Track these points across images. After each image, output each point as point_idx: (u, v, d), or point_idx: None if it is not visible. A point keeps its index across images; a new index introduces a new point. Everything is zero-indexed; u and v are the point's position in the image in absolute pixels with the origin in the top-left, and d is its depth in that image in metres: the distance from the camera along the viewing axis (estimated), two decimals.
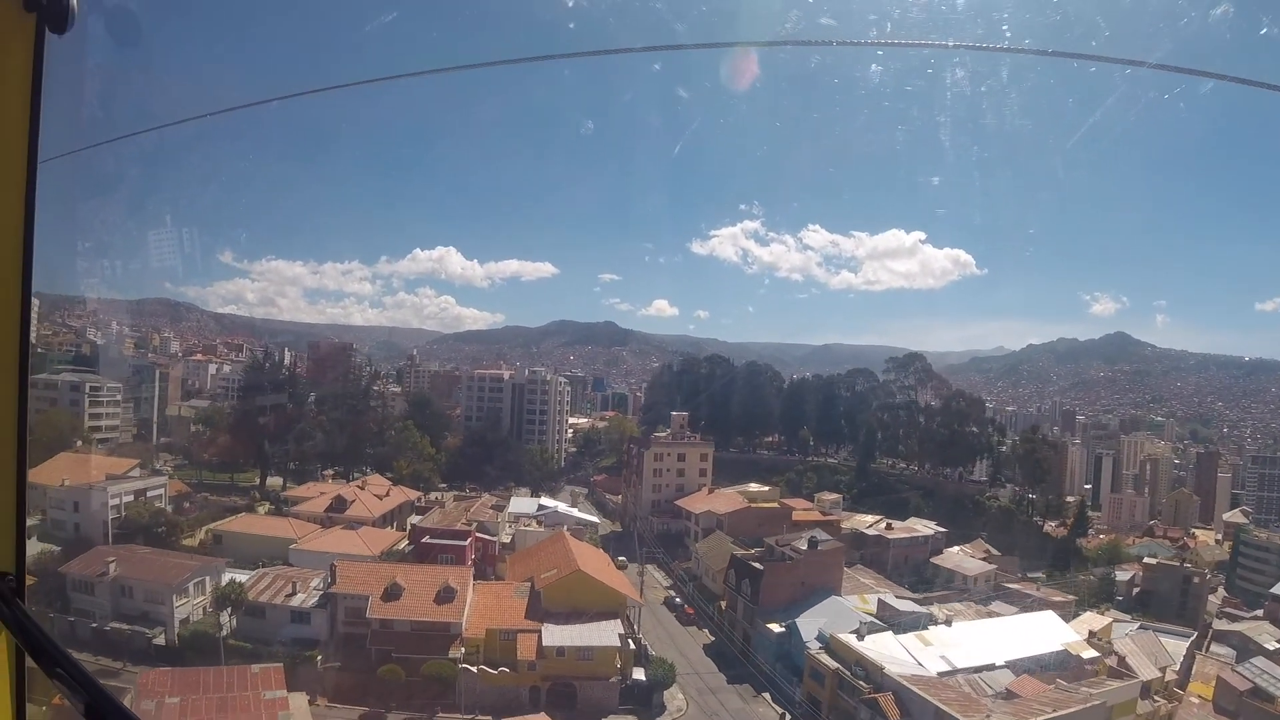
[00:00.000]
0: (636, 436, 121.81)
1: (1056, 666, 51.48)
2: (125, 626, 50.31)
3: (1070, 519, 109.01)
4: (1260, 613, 70.27)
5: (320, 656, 48.65)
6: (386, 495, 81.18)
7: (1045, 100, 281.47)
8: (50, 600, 50.51)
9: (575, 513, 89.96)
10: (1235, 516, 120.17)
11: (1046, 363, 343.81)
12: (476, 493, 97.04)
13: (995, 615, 62.09)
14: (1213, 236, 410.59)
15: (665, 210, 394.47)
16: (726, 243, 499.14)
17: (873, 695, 44.71)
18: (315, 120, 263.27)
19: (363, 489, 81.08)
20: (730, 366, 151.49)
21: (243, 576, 55.29)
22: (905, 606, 59.16)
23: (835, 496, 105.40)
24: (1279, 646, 59.25)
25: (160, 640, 50.24)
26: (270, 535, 65.70)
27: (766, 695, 53.58)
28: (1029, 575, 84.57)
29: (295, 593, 52.34)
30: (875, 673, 46.62)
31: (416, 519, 76.62)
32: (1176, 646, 59.93)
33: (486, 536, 69.65)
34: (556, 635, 49.61)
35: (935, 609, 61.39)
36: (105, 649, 48.22)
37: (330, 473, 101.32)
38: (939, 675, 47.28)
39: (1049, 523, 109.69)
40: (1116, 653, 55.86)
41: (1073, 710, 41.97)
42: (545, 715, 42.73)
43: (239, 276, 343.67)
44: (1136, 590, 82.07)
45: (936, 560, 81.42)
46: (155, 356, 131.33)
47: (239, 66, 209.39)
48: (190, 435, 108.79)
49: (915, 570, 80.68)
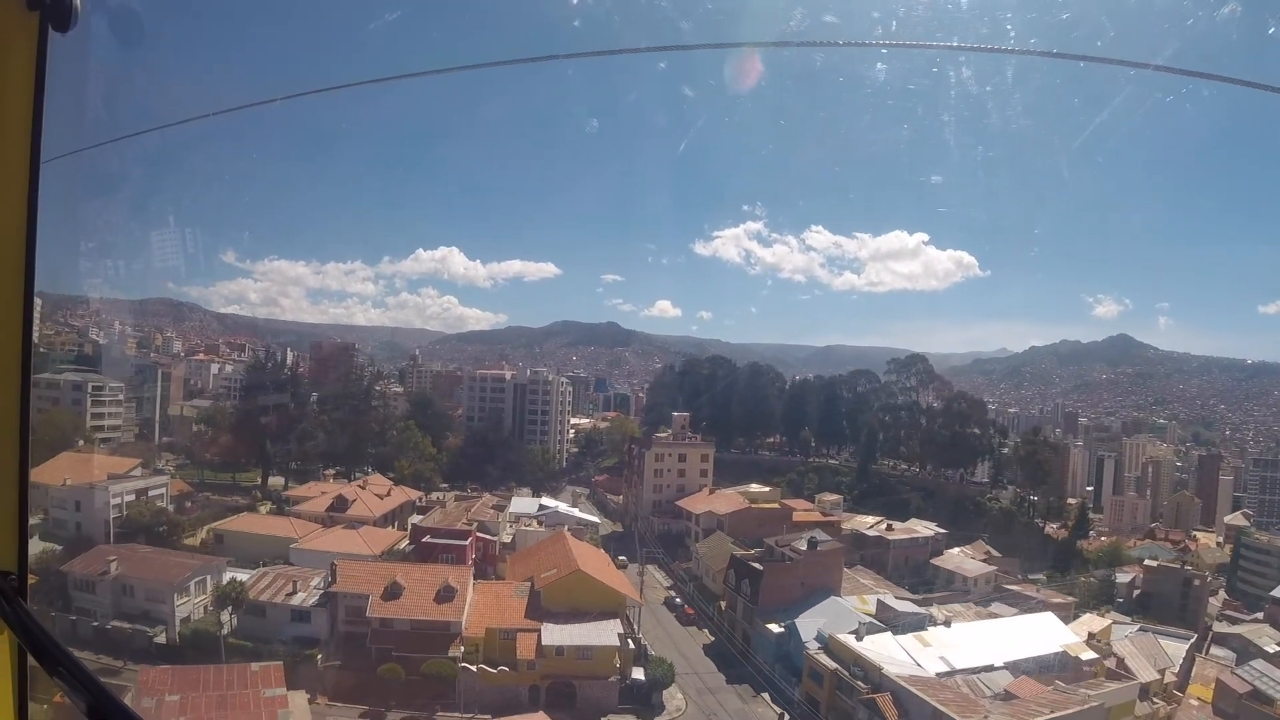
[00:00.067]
0: (638, 437, 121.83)
1: (1055, 668, 51.49)
2: (126, 625, 50.42)
3: (1071, 521, 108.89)
4: (1260, 615, 70.30)
5: (320, 655, 48.76)
6: (387, 495, 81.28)
7: (1048, 101, 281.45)
8: (52, 599, 50.66)
9: (576, 513, 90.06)
10: (1237, 519, 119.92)
11: (1049, 364, 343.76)
12: (478, 493, 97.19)
13: (995, 617, 61.96)
14: (1216, 239, 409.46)
15: (668, 211, 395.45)
16: (729, 244, 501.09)
17: (871, 696, 44.77)
18: (318, 120, 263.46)
19: (364, 489, 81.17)
20: (732, 367, 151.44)
21: (244, 576, 55.45)
22: (904, 607, 59.15)
23: (836, 497, 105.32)
24: (1279, 649, 59.34)
25: (161, 639, 50.33)
26: (271, 534, 65.79)
27: (765, 695, 53.62)
28: (1029, 577, 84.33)
29: (296, 592, 52.50)
30: (874, 673, 46.69)
31: (417, 519, 76.76)
32: (1176, 649, 59.89)
33: (487, 536, 69.72)
34: (556, 635, 49.71)
35: (935, 610, 61.28)
36: (106, 648, 48.34)
37: (332, 472, 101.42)
38: (937, 676, 47.34)
39: (1050, 524, 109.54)
40: (1115, 654, 55.78)
41: (1071, 711, 41.99)
42: (544, 714, 42.75)
43: (242, 276, 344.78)
44: (1137, 592, 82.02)
45: (936, 561, 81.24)
46: (158, 356, 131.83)
47: (242, 66, 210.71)
48: (192, 435, 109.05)
49: (915, 571, 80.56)
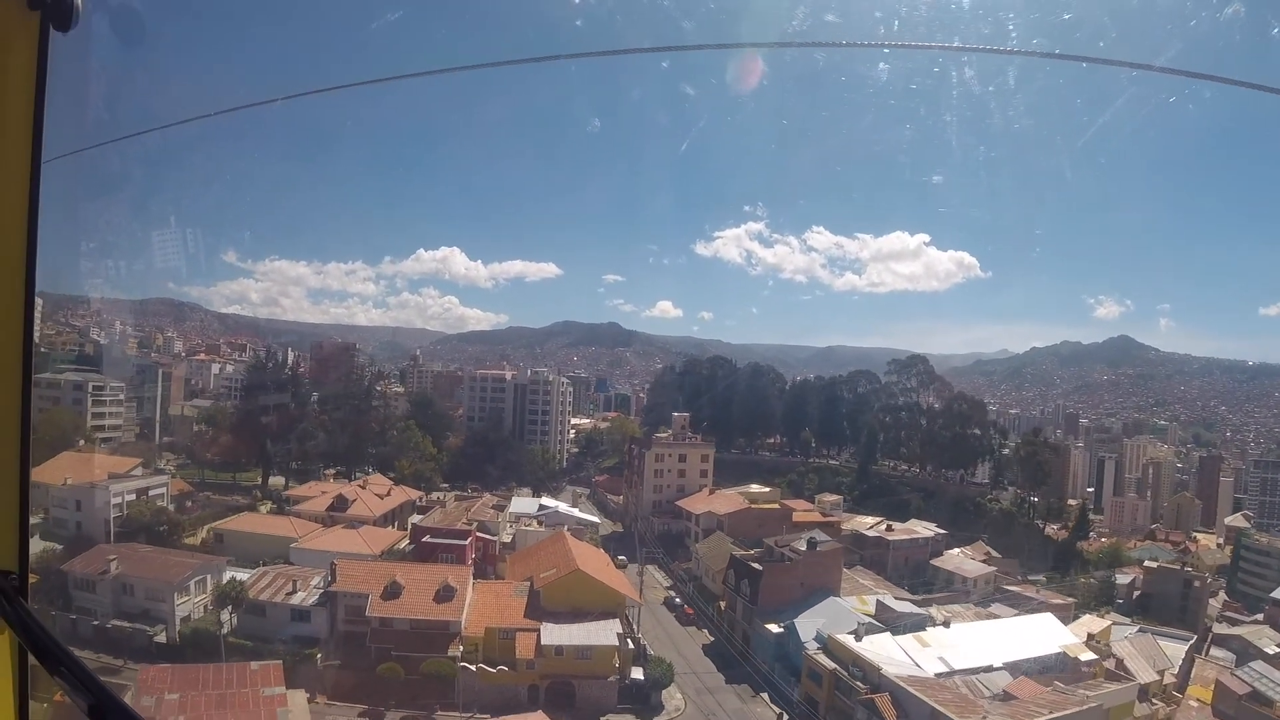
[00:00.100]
0: (638, 437, 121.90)
1: (1054, 669, 51.49)
2: (127, 624, 50.48)
3: (1071, 522, 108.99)
4: (1260, 617, 70.22)
5: (320, 654, 48.82)
6: (388, 495, 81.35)
7: (1050, 101, 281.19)
8: (52, 598, 50.76)
9: (576, 513, 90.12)
10: (1237, 520, 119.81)
11: (1050, 366, 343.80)
12: (478, 493, 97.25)
13: (994, 617, 61.95)
14: (1217, 240, 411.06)
15: (670, 211, 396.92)
16: (731, 244, 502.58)
17: (870, 696, 44.78)
18: (319, 120, 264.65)
19: (364, 489, 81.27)
20: (732, 368, 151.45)
21: (244, 575, 55.54)
22: (904, 608, 59.23)
23: (836, 498, 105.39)
24: (1279, 651, 59.30)
25: (161, 638, 50.40)
26: (271, 534, 65.87)
27: (764, 695, 53.67)
28: (1029, 578, 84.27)
29: (296, 591, 52.59)
30: (872, 673, 46.71)
31: (417, 518, 76.80)
32: (1176, 650, 59.89)
33: (487, 536, 69.75)
34: (555, 634, 49.75)
35: (934, 611, 61.33)
36: (107, 646, 48.39)
37: (332, 472, 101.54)
38: (936, 676, 47.34)
39: (1050, 525, 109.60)
40: (1115, 655, 55.75)
41: (1069, 712, 41.99)
42: (543, 714, 42.78)
43: (243, 276, 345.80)
44: (1137, 593, 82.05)
45: (936, 562, 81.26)
46: (158, 356, 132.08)
47: (243, 66, 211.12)
48: (193, 435, 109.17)
49: (915, 572, 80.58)
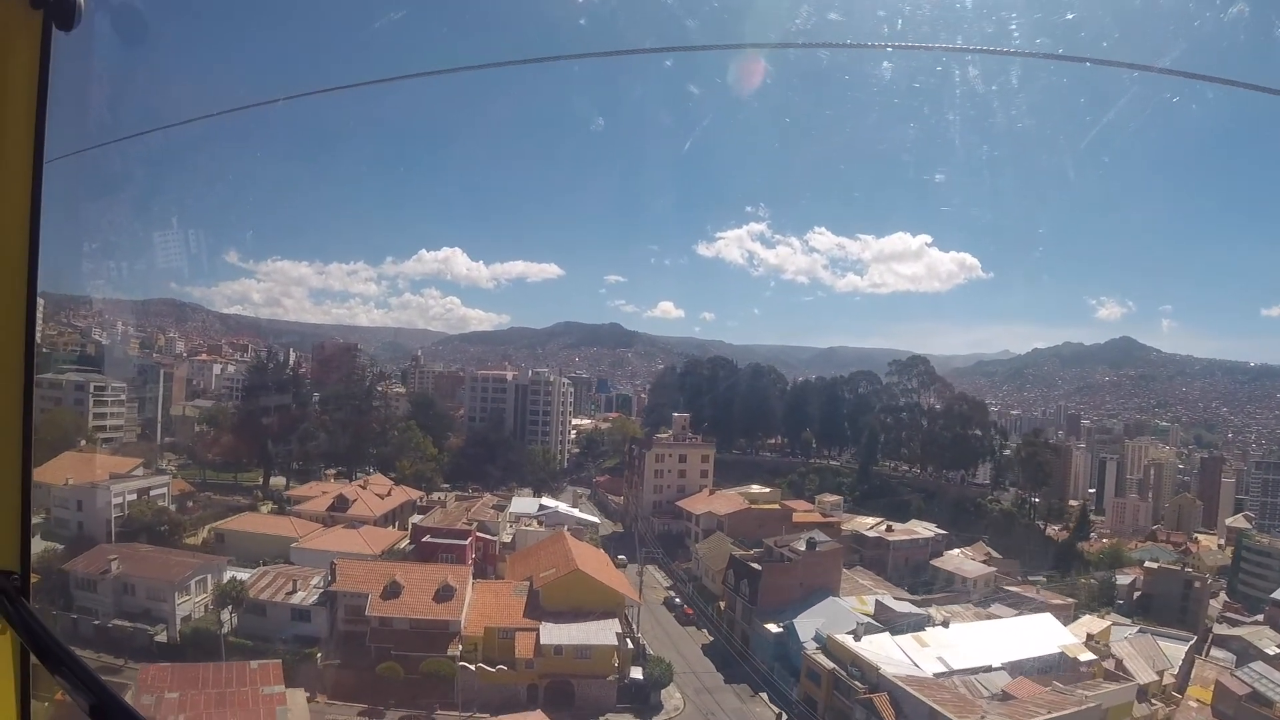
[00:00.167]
0: (639, 438, 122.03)
1: (1053, 669, 51.55)
2: (127, 624, 50.68)
3: (1072, 523, 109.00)
4: (1260, 617, 70.15)
5: (320, 654, 49.00)
6: (388, 495, 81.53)
7: (1053, 100, 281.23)
8: (54, 598, 50.93)
9: (576, 513, 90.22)
10: (1238, 521, 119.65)
11: (1052, 367, 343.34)
12: (479, 493, 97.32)
13: (994, 618, 62.01)
14: (1220, 241, 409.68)
15: (671, 212, 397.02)
16: (733, 245, 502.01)
17: (868, 695, 44.87)
18: (321, 120, 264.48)
19: (364, 489, 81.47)
20: (733, 368, 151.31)
21: (244, 575, 55.72)
22: (903, 608, 59.28)
23: (836, 498, 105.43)
24: (1279, 652, 59.27)
25: (162, 637, 50.59)
26: (272, 534, 66.10)
27: (764, 695, 53.77)
28: (1030, 578, 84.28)
29: (296, 591, 52.77)
30: (871, 673, 46.77)
31: (418, 518, 76.89)
32: (1176, 651, 59.89)
33: (487, 536, 69.86)
34: (554, 634, 49.88)
35: (933, 611, 61.39)
36: (108, 646, 48.54)
37: (333, 472, 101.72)
38: (935, 676, 47.42)
39: (1051, 526, 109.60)
40: (1114, 656, 55.79)
41: (1068, 712, 42.06)
42: (542, 713, 42.88)
43: (245, 277, 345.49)
44: (1137, 594, 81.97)
45: (936, 562, 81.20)
46: (160, 356, 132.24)
47: (245, 66, 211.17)
48: (194, 435, 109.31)
49: (915, 572, 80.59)
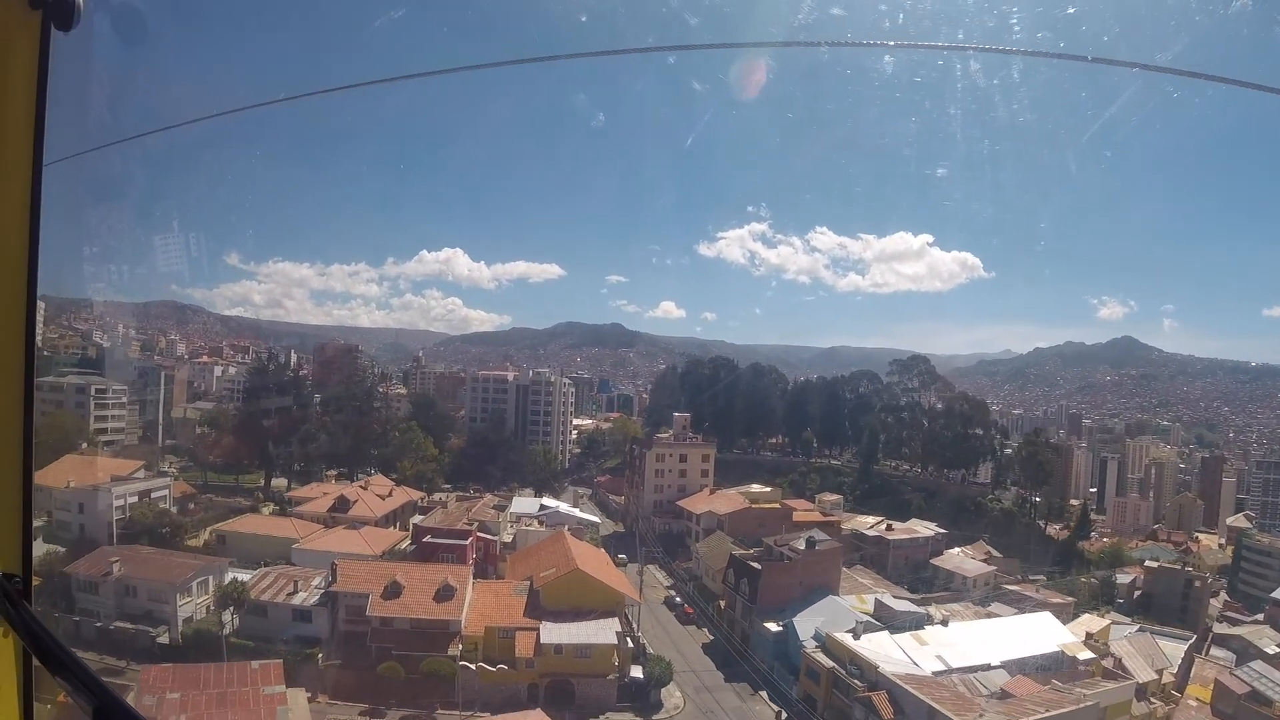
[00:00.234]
0: (640, 437, 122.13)
1: (1052, 667, 51.61)
2: (129, 625, 50.86)
3: (1073, 522, 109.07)
4: (1261, 617, 70.25)
5: (321, 654, 49.17)
6: (389, 495, 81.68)
7: (1054, 96, 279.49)
8: (55, 600, 51.11)
9: (576, 513, 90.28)
10: (1239, 521, 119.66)
11: (1053, 366, 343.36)
12: (480, 493, 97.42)
13: (993, 616, 62.12)
14: (1221, 241, 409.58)
15: (673, 212, 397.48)
16: (734, 245, 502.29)
17: (867, 694, 44.99)
18: (322, 121, 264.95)
19: (365, 489, 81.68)
20: (734, 368, 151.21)
21: (246, 576, 55.89)
22: (902, 607, 59.41)
23: (836, 497, 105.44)
24: (1279, 651, 59.33)
25: (164, 639, 50.75)
26: (273, 535, 66.32)
27: (763, 694, 53.87)
28: (1030, 577, 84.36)
29: (297, 591, 52.93)
30: (870, 671, 46.88)
31: (419, 519, 77.09)
32: (1175, 649, 59.97)
33: (488, 536, 69.99)
34: (554, 633, 50.00)
35: (933, 610, 61.50)
36: (109, 648, 48.70)
37: (334, 473, 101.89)
38: (934, 675, 47.50)
39: (1052, 525, 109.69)
40: (1113, 655, 55.84)
41: (1066, 710, 42.14)
42: (542, 712, 43.02)
43: (246, 278, 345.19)
44: (1137, 593, 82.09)
45: (936, 561, 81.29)
46: (161, 359, 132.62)
47: (246, 66, 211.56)
48: (195, 437, 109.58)
49: (915, 571, 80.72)
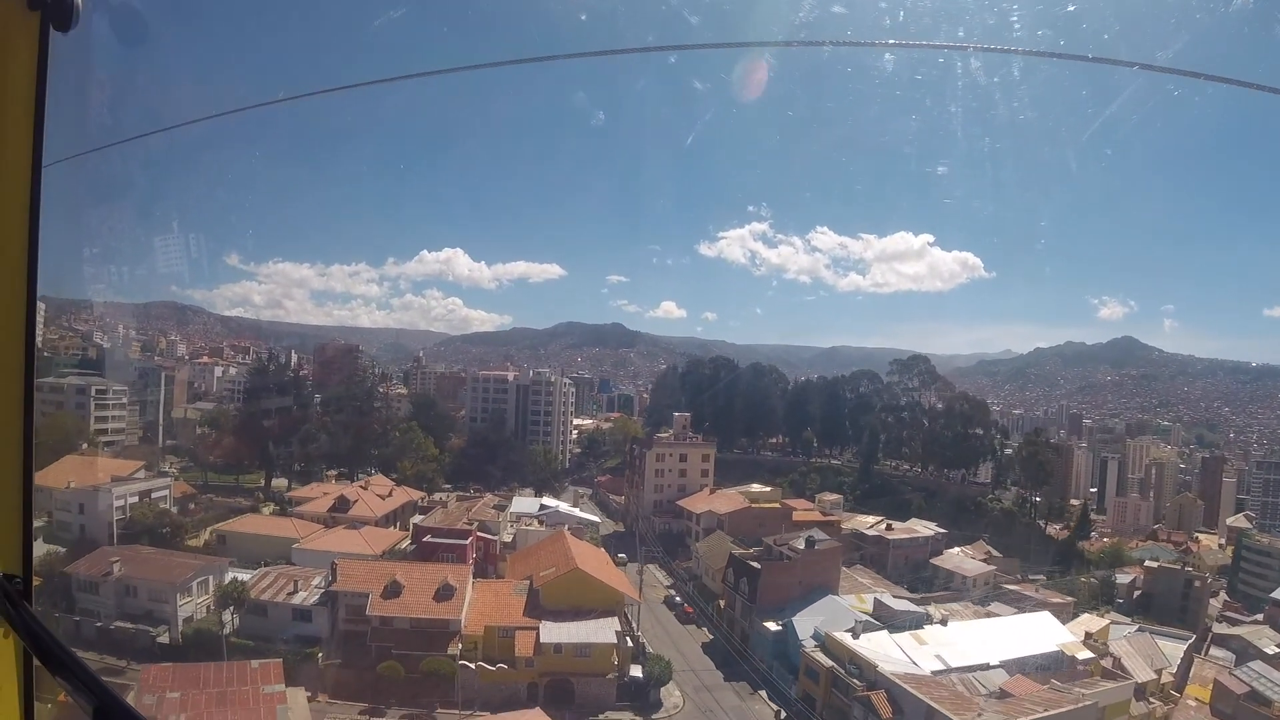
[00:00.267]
0: (640, 437, 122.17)
1: (1051, 667, 51.64)
2: (130, 625, 50.92)
3: (1073, 522, 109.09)
4: (1260, 617, 70.28)
5: (321, 653, 49.25)
6: (389, 495, 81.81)
7: (1055, 94, 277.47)
8: (56, 600, 51.17)
9: (576, 512, 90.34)
10: (1239, 521, 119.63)
11: (1054, 366, 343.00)
12: (480, 493, 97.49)
13: (993, 616, 62.15)
14: (1222, 241, 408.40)
15: (673, 212, 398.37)
16: (735, 245, 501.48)
17: (866, 693, 45.03)
18: (322, 121, 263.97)
19: (366, 489, 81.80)
20: (735, 368, 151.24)
21: (246, 576, 55.98)
22: (901, 606, 59.49)
23: (836, 497, 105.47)
24: (1278, 651, 59.35)
25: (164, 639, 50.82)
26: (273, 535, 66.44)
27: (763, 693, 53.94)
28: (1030, 577, 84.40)
29: (297, 591, 53.00)
30: (869, 671, 46.92)
31: (419, 519, 77.18)
32: (1174, 649, 60.01)
33: (488, 536, 70.06)
34: (554, 632, 50.07)
35: (932, 609, 61.55)
36: (110, 648, 48.76)
37: (334, 473, 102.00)
38: (933, 674, 47.55)
39: (1052, 525, 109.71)
40: (1112, 654, 55.89)
41: (1065, 710, 42.14)
42: (542, 711, 43.09)
43: (246, 279, 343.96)
44: (1137, 593, 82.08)
45: (936, 561, 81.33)
46: (161, 359, 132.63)
47: (245, 66, 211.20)
48: (196, 437, 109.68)
49: (914, 571, 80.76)
